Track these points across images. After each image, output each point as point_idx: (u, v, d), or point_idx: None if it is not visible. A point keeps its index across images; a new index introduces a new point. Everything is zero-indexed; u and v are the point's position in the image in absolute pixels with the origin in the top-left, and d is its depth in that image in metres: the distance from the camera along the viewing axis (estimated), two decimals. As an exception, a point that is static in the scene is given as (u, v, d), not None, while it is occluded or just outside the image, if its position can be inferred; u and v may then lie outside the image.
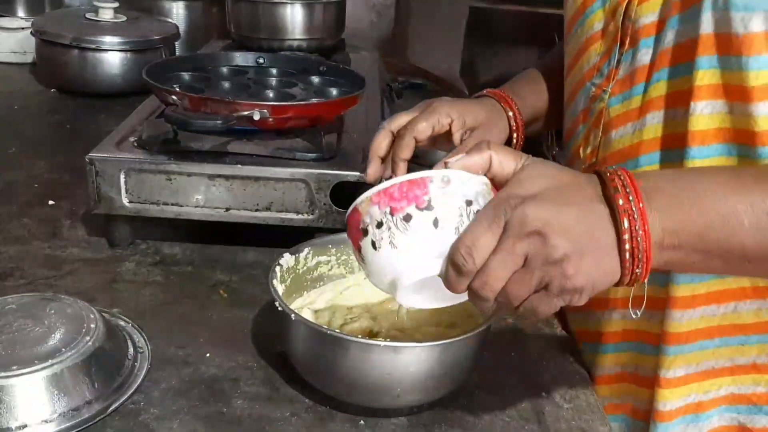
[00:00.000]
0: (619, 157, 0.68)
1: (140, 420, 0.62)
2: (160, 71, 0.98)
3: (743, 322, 0.66)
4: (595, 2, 0.71)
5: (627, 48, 0.67)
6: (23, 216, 0.96)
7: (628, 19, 0.67)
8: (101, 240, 0.91)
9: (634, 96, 0.67)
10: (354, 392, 0.64)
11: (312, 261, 0.75)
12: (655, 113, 0.65)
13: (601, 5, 0.70)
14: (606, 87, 0.69)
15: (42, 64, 1.51)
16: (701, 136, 0.61)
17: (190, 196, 0.86)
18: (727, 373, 0.68)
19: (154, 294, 0.81)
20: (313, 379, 0.66)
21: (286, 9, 1.38)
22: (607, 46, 0.70)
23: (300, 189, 0.86)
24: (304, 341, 0.65)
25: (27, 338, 0.63)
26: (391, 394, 0.62)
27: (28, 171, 1.10)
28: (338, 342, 0.61)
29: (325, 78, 1.08)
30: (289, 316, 0.63)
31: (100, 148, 0.87)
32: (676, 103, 0.63)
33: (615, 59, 0.68)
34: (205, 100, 0.87)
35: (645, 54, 0.66)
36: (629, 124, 0.68)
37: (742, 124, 0.60)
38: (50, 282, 0.81)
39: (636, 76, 0.67)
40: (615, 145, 0.69)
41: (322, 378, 0.65)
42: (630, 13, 0.66)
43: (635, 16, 0.66)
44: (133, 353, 0.69)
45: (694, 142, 0.62)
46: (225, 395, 0.66)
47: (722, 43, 0.59)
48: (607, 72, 0.69)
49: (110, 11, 1.47)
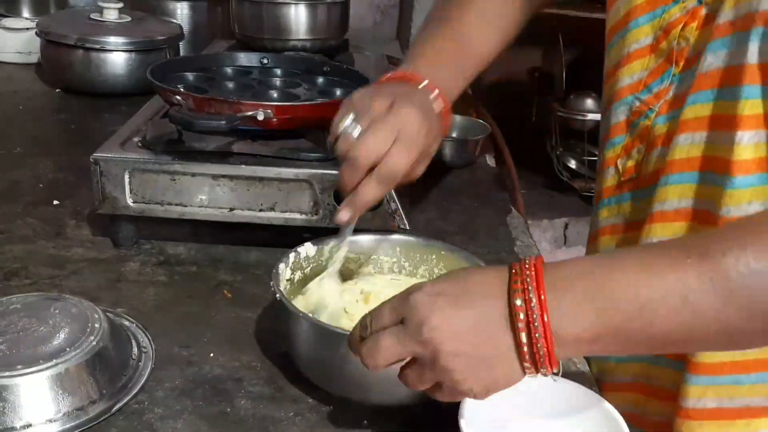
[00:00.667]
0: (656, 176, 0.67)
1: (144, 419, 0.62)
2: (164, 71, 0.99)
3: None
4: (642, 16, 0.69)
5: (681, 70, 0.66)
6: (28, 216, 0.96)
7: (684, 41, 0.65)
8: (105, 240, 0.91)
9: (675, 117, 0.66)
10: (355, 389, 0.64)
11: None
12: (688, 135, 0.64)
13: (648, 20, 0.68)
14: (654, 105, 0.68)
15: (47, 65, 1.51)
16: (746, 165, 0.60)
17: (194, 196, 0.86)
18: (763, 413, 0.64)
19: (158, 294, 0.81)
20: (312, 374, 0.66)
21: (289, 9, 1.38)
22: (657, 64, 0.68)
23: (304, 189, 0.86)
24: (304, 336, 0.66)
25: (31, 338, 0.63)
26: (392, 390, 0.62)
27: (32, 171, 1.10)
28: (334, 337, 0.62)
29: (329, 78, 1.08)
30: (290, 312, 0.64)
31: (105, 148, 0.87)
32: (716, 127, 0.62)
33: (668, 79, 0.67)
34: (209, 101, 0.87)
35: (691, 76, 0.64)
36: (667, 145, 0.66)
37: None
38: (55, 281, 0.82)
39: (680, 97, 0.65)
40: (656, 164, 0.68)
41: (320, 373, 0.65)
42: (686, 35, 0.65)
43: (693, 40, 0.64)
44: (137, 353, 0.69)
45: (739, 171, 0.60)
46: (229, 395, 0.66)
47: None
48: (656, 90, 0.68)
49: (115, 11, 1.47)
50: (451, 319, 0.50)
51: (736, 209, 0.60)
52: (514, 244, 0.99)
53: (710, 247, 0.47)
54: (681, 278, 0.47)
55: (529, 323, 0.48)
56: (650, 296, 0.48)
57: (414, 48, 0.81)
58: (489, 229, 1.03)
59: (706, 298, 0.47)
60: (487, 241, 0.98)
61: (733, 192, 0.60)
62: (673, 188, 0.65)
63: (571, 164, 1.87)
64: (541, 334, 0.48)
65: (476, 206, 1.11)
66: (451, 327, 0.49)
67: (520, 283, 0.49)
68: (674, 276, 0.47)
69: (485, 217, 1.07)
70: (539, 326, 0.48)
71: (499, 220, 1.06)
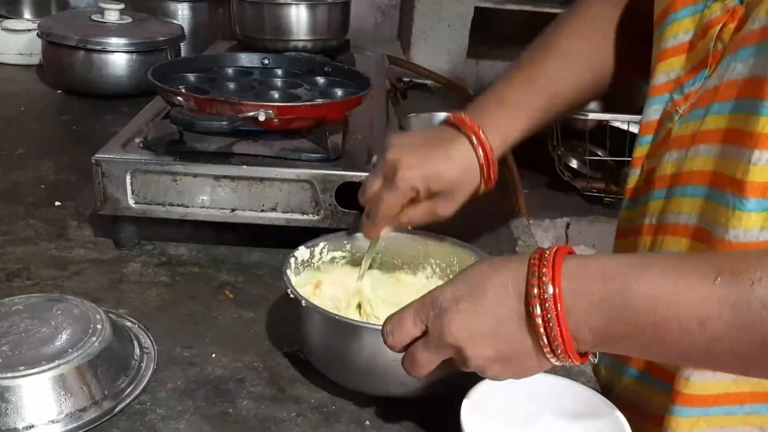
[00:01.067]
0: (669, 182, 0.65)
1: (146, 420, 0.62)
2: (165, 72, 0.99)
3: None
4: (683, 9, 0.65)
5: (711, 72, 0.62)
6: (30, 217, 0.96)
7: (720, 42, 0.61)
8: (107, 241, 0.91)
9: (691, 122, 0.63)
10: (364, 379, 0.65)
11: (327, 255, 0.76)
12: (707, 146, 0.60)
13: (690, 14, 0.64)
14: (680, 107, 0.65)
15: (48, 66, 1.51)
16: (761, 188, 0.55)
17: (195, 196, 0.86)
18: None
19: (160, 294, 0.81)
20: (324, 366, 0.67)
21: (290, 10, 1.38)
22: (693, 65, 0.64)
23: (305, 189, 0.86)
24: (317, 329, 0.66)
25: (34, 339, 0.63)
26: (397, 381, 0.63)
27: (34, 172, 1.10)
28: (348, 327, 0.63)
29: (330, 79, 1.08)
30: (301, 304, 0.64)
31: (106, 149, 0.87)
32: (732, 140, 0.58)
33: (700, 82, 0.63)
34: (211, 101, 0.87)
35: (716, 80, 0.61)
36: (684, 150, 0.63)
37: None
38: (57, 283, 0.82)
39: (701, 101, 0.62)
40: (668, 169, 0.65)
41: (333, 365, 0.66)
42: (723, 36, 0.61)
43: (728, 42, 0.60)
44: (139, 354, 0.69)
45: (753, 194, 0.56)
46: (231, 395, 0.66)
47: None
48: (687, 92, 0.64)
49: (116, 13, 1.48)
50: (471, 324, 0.51)
51: (744, 234, 0.56)
52: (516, 244, 0.99)
53: (742, 274, 0.45)
54: (703, 301, 0.46)
55: (545, 323, 0.49)
56: (666, 314, 0.47)
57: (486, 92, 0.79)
58: (491, 230, 1.03)
59: (725, 326, 0.45)
60: (489, 242, 0.98)
61: (743, 215, 0.56)
62: (689, 201, 0.62)
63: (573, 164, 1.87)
64: (557, 334, 0.49)
65: (478, 206, 1.11)
66: (473, 332, 0.51)
67: (537, 281, 0.49)
68: (697, 297, 0.46)
69: (487, 218, 1.07)
70: (555, 327, 0.48)
71: (500, 221, 1.06)
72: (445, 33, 2.09)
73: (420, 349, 0.54)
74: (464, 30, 2.10)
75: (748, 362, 0.48)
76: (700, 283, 0.46)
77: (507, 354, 0.51)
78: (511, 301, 0.50)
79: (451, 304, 0.52)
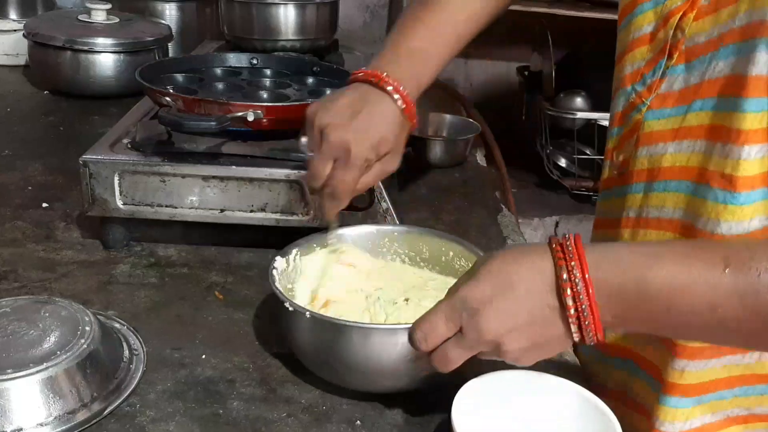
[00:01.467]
0: (646, 175, 0.66)
1: (136, 422, 0.62)
2: (153, 72, 0.98)
3: (766, 371, 0.64)
4: (647, 2, 0.67)
5: (675, 62, 0.63)
6: (17, 219, 0.96)
7: (680, 32, 0.63)
8: (96, 242, 0.90)
9: (672, 117, 0.64)
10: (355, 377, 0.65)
11: (300, 261, 0.75)
12: (690, 142, 0.62)
13: (652, 6, 0.66)
14: (646, 98, 0.66)
15: (34, 66, 1.50)
16: (751, 181, 0.58)
17: (184, 197, 0.86)
18: (741, 421, 0.66)
19: (149, 296, 0.81)
20: (316, 367, 0.67)
21: (279, 10, 1.38)
22: (653, 54, 0.66)
23: (294, 190, 0.86)
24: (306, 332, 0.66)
25: (22, 341, 0.62)
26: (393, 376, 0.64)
27: (21, 173, 1.09)
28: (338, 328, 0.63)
29: (319, 78, 1.08)
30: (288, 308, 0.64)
31: (94, 150, 0.87)
32: (716, 137, 0.60)
33: (660, 71, 0.65)
34: (199, 102, 0.87)
35: (694, 76, 0.62)
36: (660, 144, 0.65)
37: None
38: (45, 284, 0.81)
39: (680, 96, 0.63)
40: (644, 162, 0.67)
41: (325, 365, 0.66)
42: (683, 26, 0.63)
43: (689, 31, 0.62)
44: (128, 355, 0.69)
45: (744, 188, 0.58)
46: (221, 396, 0.66)
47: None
48: (649, 82, 0.66)
49: (103, 13, 1.47)
50: (507, 320, 0.54)
51: (736, 226, 0.59)
52: (505, 243, 0.99)
53: (750, 264, 0.48)
54: (713, 289, 0.49)
55: (579, 312, 0.52)
56: (679, 301, 0.50)
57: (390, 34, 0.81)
58: (480, 228, 1.03)
59: (733, 312, 0.49)
60: (478, 240, 0.98)
61: (735, 208, 0.58)
62: (673, 196, 0.64)
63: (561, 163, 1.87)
64: (590, 321, 0.52)
65: (467, 205, 1.11)
66: (510, 327, 0.54)
67: (567, 274, 0.52)
68: (707, 285, 0.49)
69: (476, 216, 1.07)
70: (588, 315, 0.52)
71: (490, 219, 1.06)
72: (433, 32, 2.09)
73: (453, 348, 0.57)
74: (453, 29, 2.10)
75: (750, 342, 0.54)
76: (711, 273, 0.49)
77: (540, 342, 0.55)
78: (541, 294, 0.53)
79: (483, 303, 0.54)
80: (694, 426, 0.66)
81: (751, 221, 0.59)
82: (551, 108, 1.75)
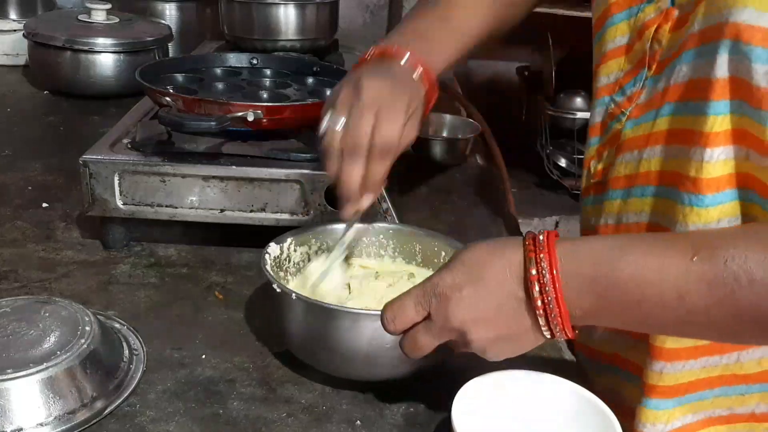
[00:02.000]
0: (624, 182, 0.67)
1: (136, 422, 0.62)
2: (153, 72, 0.98)
3: (745, 372, 0.65)
4: (619, 13, 0.67)
5: (653, 73, 0.64)
6: (17, 219, 0.96)
7: (657, 44, 0.64)
8: (96, 242, 0.90)
9: (643, 123, 0.65)
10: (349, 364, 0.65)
11: (294, 251, 0.76)
12: (661, 147, 0.63)
13: (626, 17, 0.67)
14: (626, 108, 0.67)
15: (34, 66, 1.50)
16: (716, 183, 0.59)
17: (184, 197, 0.86)
18: (723, 421, 0.67)
19: (149, 296, 0.81)
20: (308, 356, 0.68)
21: (279, 10, 1.38)
22: (632, 66, 0.66)
23: (294, 189, 0.86)
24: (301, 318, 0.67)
25: (22, 341, 0.62)
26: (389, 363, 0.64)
27: (21, 173, 1.09)
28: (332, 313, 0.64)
29: (319, 78, 1.08)
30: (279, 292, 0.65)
31: (94, 150, 0.87)
32: (683, 141, 0.60)
33: (641, 82, 0.65)
34: (199, 102, 0.87)
35: (663, 82, 0.63)
36: (636, 151, 0.65)
37: (756, 172, 0.57)
38: (45, 285, 0.81)
39: (651, 102, 0.64)
40: (621, 170, 0.68)
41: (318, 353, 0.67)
42: (659, 38, 0.63)
43: (666, 43, 0.63)
44: (128, 355, 0.69)
45: (709, 190, 0.59)
46: (221, 396, 0.66)
47: (740, 91, 0.56)
48: (629, 93, 0.66)
49: (103, 13, 1.47)
50: (475, 308, 0.54)
51: (704, 228, 0.60)
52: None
53: (716, 252, 0.48)
54: (682, 277, 0.49)
55: (545, 305, 0.52)
56: (649, 291, 0.50)
57: (399, 26, 0.80)
58: (480, 228, 1.03)
59: (701, 300, 0.49)
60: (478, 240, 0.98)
61: (701, 210, 0.59)
62: (649, 201, 0.64)
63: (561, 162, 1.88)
64: (556, 314, 0.52)
65: (467, 205, 1.11)
66: (476, 315, 0.54)
67: (535, 267, 0.52)
68: (676, 274, 0.49)
69: (476, 216, 1.07)
70: (554, 308, 0.52)
71: (490, 219, 1.07)
72: (433, 32, 2.09)
73: (422, 333, 0.57)
74: (452, 29, 2.10)
75: (722, 333, 0.53)
76: (680, 261, 0.49)
77: (507, 334, 0.55)
78: (510, 285, 0.53)
79: (452, 290, 0.55)
80: (675, 426, 0.66)
81: (719, 222, 0.59)
82: (551, 108, 1.76)
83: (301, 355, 0.69)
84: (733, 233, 0.53)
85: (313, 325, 0.66)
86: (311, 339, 0.66)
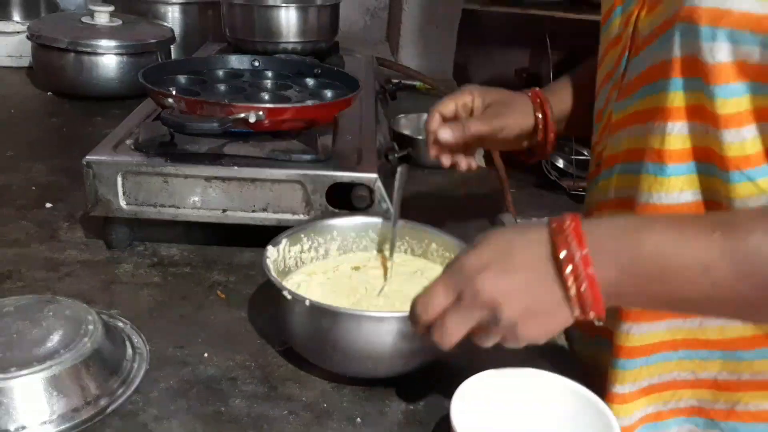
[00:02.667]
0: (610, 161, 0.72)
1: (139, 420, 0.63)
2: (156, 74, 0.99)
3: (707, 337, 0.67)
4: (618, 8, 0.72)
5: (632, 57, 0.69)
6: (21, 219, 0.96)
7: (636, 30, 0.68)
8: (99, 242, 0.91)
9: (626, 106, 0.69)
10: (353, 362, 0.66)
11: (289, 251, 0.77)
12: (638, 126, 0.67)
13: (621, 11, 0.71)
14: (613, 93, 0.71)
15: (38, 68, 1.51)
16: (678, 154, 0.63)
17: (187, 198, 0.87)
18: (688, 386, 0.70)
19: (152, 295, 0.82)
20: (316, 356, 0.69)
21: (280, 12, 1.39)
22: (618, 54, 0.71)
23: (296, 190, 0.86)
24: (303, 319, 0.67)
25: (25, 340, 0.63)
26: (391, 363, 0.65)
27: (25, 174, 1.10)
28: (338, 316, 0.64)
29: (320, 80, 1.09)
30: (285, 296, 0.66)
31: (97, 151, 0.88)
32: (650, 118, 0.65)
33: (623, 67, 0.70)
34: (201, 103, 0.87)
35: (641, 66, 0.67)
36: (620, 132, 0.70)
37: (714, 146, 0.61)
38: (48, 284, 0.82)
39: (631, 86, 0.68)
40: (609, 151, 0.72)
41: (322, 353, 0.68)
42: (637, 24, 0.68)
43: (641, 26, 0.67)
44: (131, 354, 0.69)
45: (671, 160, 0.63)
46: (223, 395, 0.67)
47: (694, 69, 0.60)
48: (616, 77, 0.71)
49: (106, 15, 1.48)
50: (504, 284, 0.54)
51: (666, 197, 0.63)
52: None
53: (738, 226, 0.50)
54: (704, 251, 0.50)
55: (576, 277, 0.52)
56: (673, 263, 0.51)
57: None
58: (479, 229, 1.03)
59: (725, 273, 0.50)
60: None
61: (663, 180, 0.63)
62: (628, 177, 0.68)
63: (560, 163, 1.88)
64: (587, 287, 0.52)
65: (466, 206, 1.12)
66: (506, 288, 0.54)
67: (563, 241, 0.52)
68: (698, 247, 0.51)
69: (476, 217, 1.08)
70: (584, 279, 0.52)
71: (489, 220, 1.07)
72: (433, 35, 2.10)
73: (451, 316, 0.56)
74: (452, 32, 2.11)
75: (745, 307, 0.53)
76: (701, 236, 0.51)
77: (537, 310, 0.54)
78: (538, 260, 0.53)
79: (481, 268, 0.54)
80: (642, 386, 0.70)
81: (681, 194, 0.63)
82: (551, 109, 1.76)
83: (305, 353, 0.69)
84: (752, 212, 0.55)
85: (321, 327, 0.66)
86: (317, 339, 0.66)
